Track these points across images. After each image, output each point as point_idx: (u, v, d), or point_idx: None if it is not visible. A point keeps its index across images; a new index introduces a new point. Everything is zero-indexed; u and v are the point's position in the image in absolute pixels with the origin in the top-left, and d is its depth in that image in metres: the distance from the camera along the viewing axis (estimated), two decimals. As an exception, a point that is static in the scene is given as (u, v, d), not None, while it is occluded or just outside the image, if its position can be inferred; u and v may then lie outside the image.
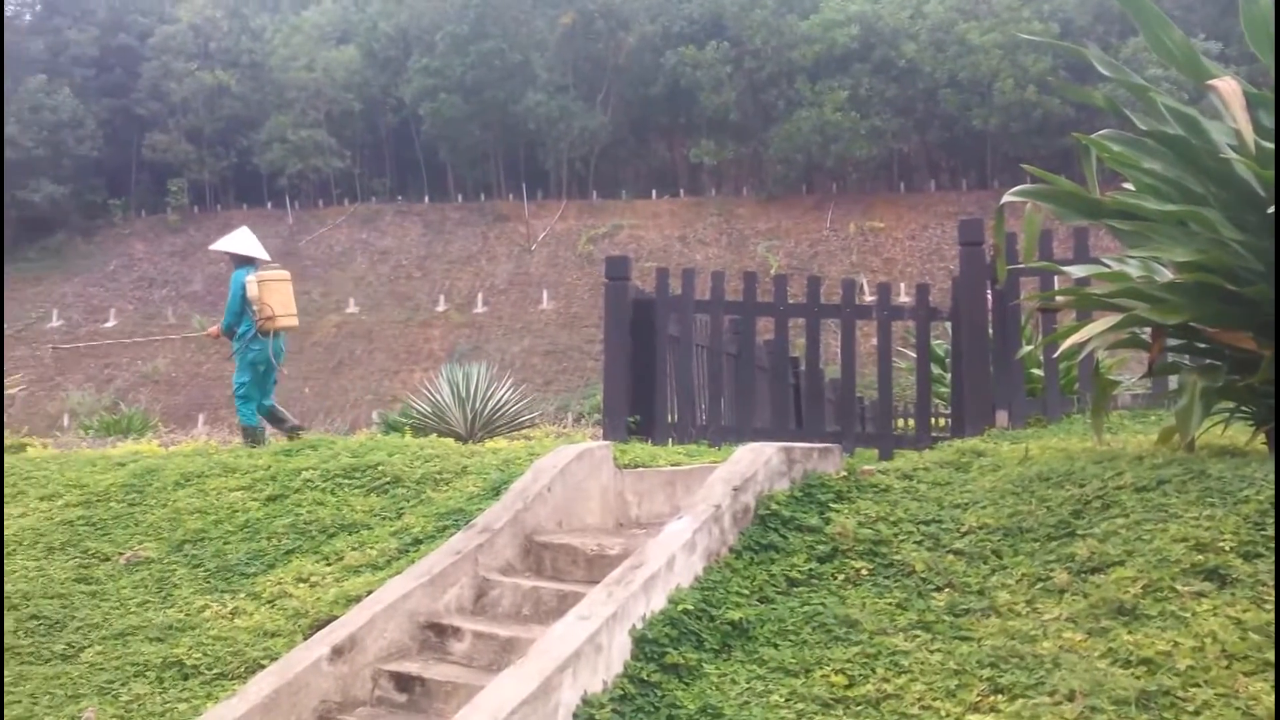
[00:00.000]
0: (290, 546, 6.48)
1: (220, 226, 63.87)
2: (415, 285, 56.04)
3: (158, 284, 60.46)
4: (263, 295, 11.11)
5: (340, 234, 61.42)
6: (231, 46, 66.04)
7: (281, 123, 63.20)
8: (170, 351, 54.32)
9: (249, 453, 8.48)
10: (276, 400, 11.85)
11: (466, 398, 16.33)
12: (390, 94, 64.77)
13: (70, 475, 8.26)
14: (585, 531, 5.82)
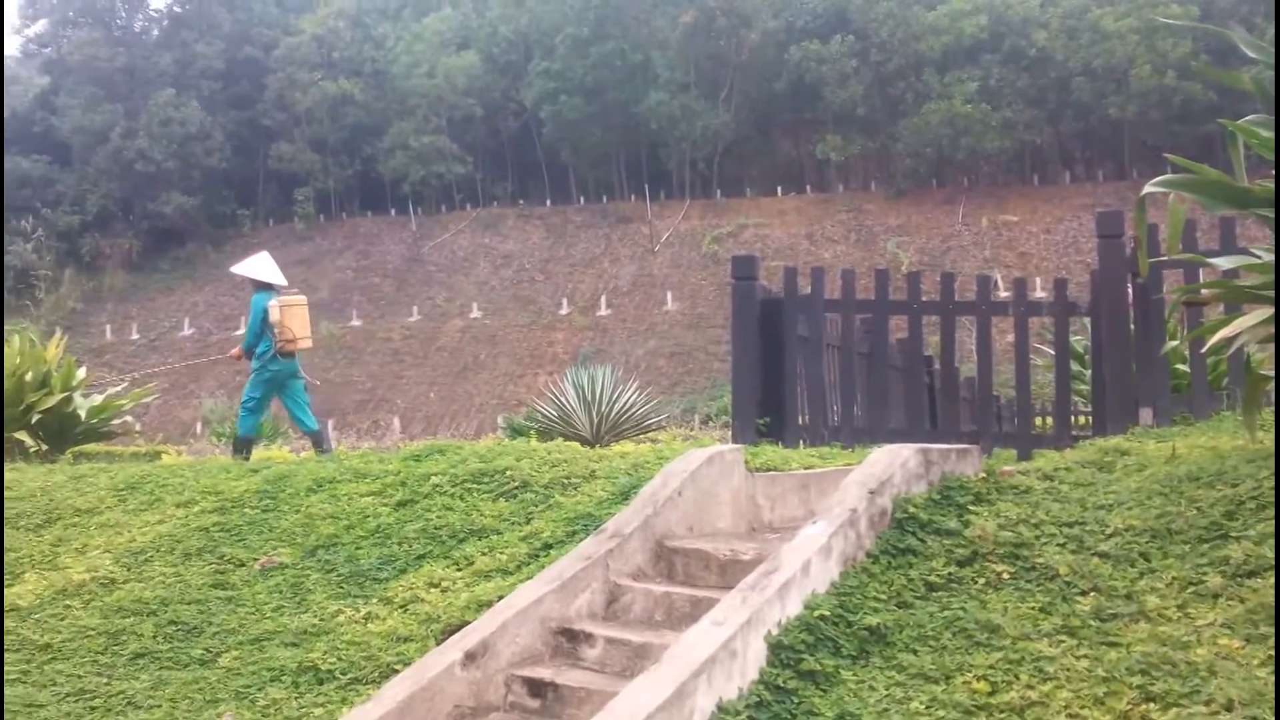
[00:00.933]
0: (421, 551, 6.58)
1: (346, 234, 65.31)
2: (538, 289, 56.46)
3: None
4: (284, 319, 12.08)
5: (463, 239, 62.18)
6: (354, 56, 67.27)
7: (404, 130, 64.18)
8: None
9: (379, 458, 8.62)
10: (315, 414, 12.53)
11: (592, 401, 16.41)
12: (511, 98, 65.39)
13: (205, 482, 8.47)
14: (717, 536, 5.81)
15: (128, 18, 72.71)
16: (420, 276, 60.10)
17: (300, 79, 65.79)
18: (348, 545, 6.84)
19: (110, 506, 8.32)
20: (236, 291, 62.58)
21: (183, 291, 63.68)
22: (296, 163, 66.60)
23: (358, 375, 53.39)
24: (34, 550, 7.55)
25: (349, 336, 56.40)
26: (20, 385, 14.71)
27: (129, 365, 55.89)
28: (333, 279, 61.97)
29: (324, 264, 63.46)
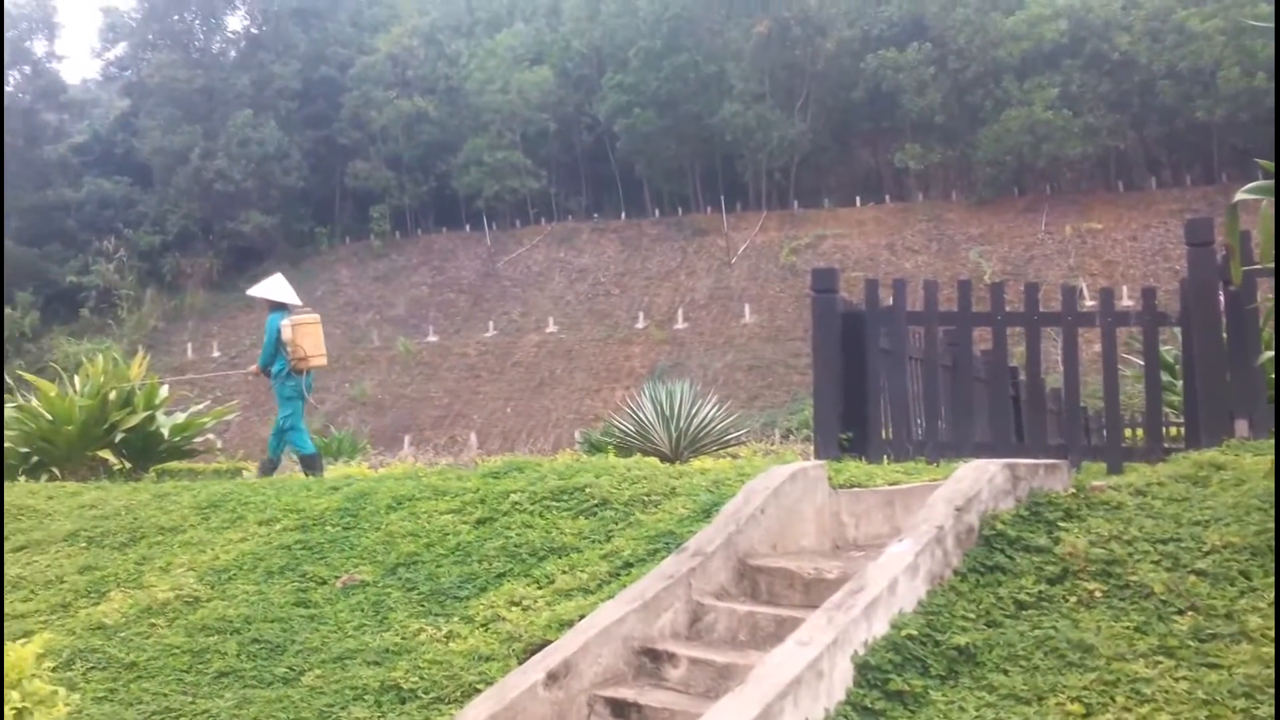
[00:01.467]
0: (501, 569, 6.61)
1: (422, 250, 65.91)
2: (614, 302, 56.55)
3: (362, 308, 62.48)
4: (296, 338, 12.75)
5: (537, 254, 62.48)
6: (428, 73, 67.93)
7: (478, 145, 64.65)
8: (377, 373, 56.08)
9: (458, 475, 8.72)
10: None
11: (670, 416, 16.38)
12: (584, 112, 65.68)
13: (287, 500, 8.59)
14: (801, 554, 5.78)
15: (206, 40, 74.00)
16: (495, 292, 60.46)
17: (375, 97, 66.55)
18: (428, 563, 6.90)
19: (193, 524, 8.46)
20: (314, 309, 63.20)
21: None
22: (372, 180, 67.35)
23: (434, 391, 53.81)
24: (119, 569, 7.68)
25: (425, 352, 56.88)
26: (104, 404, 14.99)
27: (210, 383, 56.79)
28: (409, 295, 62.56)
29: (400, 280, 64.08)
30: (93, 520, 8.78)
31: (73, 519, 8.91)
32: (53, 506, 9.41)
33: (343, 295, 64.29)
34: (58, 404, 14.89)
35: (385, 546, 7.28)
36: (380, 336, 59.20)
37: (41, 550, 8.28)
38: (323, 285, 65.46)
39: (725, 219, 59.58)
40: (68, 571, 7.72)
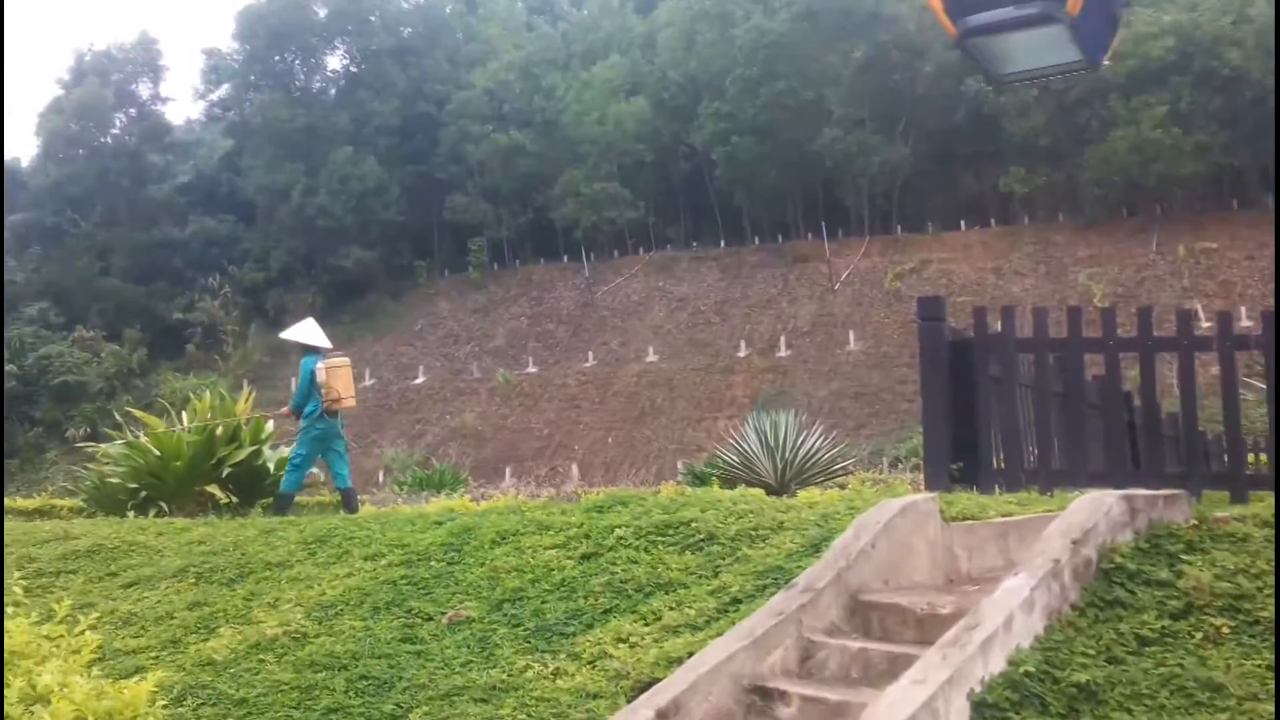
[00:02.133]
0: (607, 605, 6.57)
1: (520, 281, 66.44)
2: (715, 331, 56.49)
3: (462, 340, 63.12)
4: (329, 380, 13.13)
5: (636, 283, 62.66)
6: (524, 107, 68.64)
7: (575, 177, 65.12)
8: (477, 405, 56.55)
9: (561, 509, 8.70)
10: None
11: (775, 446, 16.28)
12: (681, 141, 65.85)
13: (392, 535, 8.64)
14: (913, 589, 5.70)
15: (306, 80, 75.64)
16: (594, 322, 60.74)
17: (473, 132, 67.40)
18: (533, 599, 6.88)
19: (300, 560, 8.53)
20: (415, 341, 64.24)
21: (363, 343, 65.52)
22: (470, 213, 68.16)
23: (535, 422, 54.12)
24: (228, 604, 7.77)
25: (525, 383, 57.27)
26: (211, 439, 15.26)
27: (313, 417, 57.72)
28: (508, 326, 63.09)
29: (499, 312, 64.66)
30: (202, 556, 8.91)
31: (182, 555, 9.05)
32: (162, 543, 9.56)
33: (442, 328, 65.01)
34: (166, 440, 15.20)
35: (490, 582, 7.27)
36: (480, 368, 59.72)
37: (152, 586, 8.42)
38: (422, 318, 66.29)
39: (827, 245, 59.28)
40: (178, 607, 7.84)
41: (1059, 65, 10.76)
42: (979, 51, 10.51)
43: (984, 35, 9.77)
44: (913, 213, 61.18)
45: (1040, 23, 9.09)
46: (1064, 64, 10.73)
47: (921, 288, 51.36)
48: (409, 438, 55.27)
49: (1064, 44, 9.91)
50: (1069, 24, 8.83)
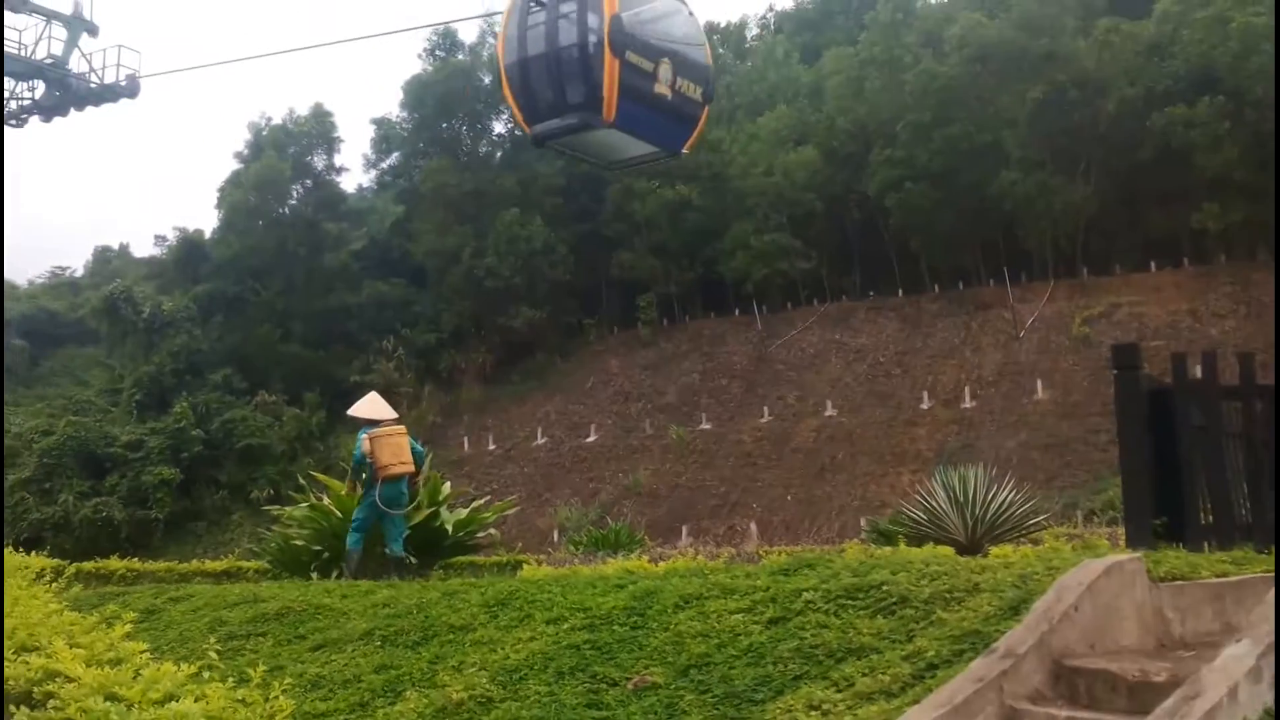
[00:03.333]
0: (797, 672, 6.45)
1: (691, 337, 66.66)
2: (895, 383, 55.70)
3: (633, 397, 63.46)
4: (374, 449, 13.93)
5: (811, 336, 62.26)
6: (690, 161, 68.41)
7: (744, 230, 65.20)
8: (650, 462, 56.67)
9: (745, 573, 8.62)
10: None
11: (965, 502, 15.99)
12: (853, 189, 65.38)
13: (573, 598, 8.64)
14: (1121, 654, 5.43)
15: (473, 144, 77.48)
16: (769, 376, 60.47)
17: (638, 188, 68.03)
18: (720, 665, 6.78)
19: (483, 623, 8.58)
20: (586, 399, 64.85)
21: (534, 401, 66.42)
22: (638, 270, 68.73)
23: (710, 480, 53.94)
24: (413, 668, 7.82)
25: (699, 440, 57.21)
26: (390, 502, 15.49)
27: (486, 476, 58.59)
28: (679, 383, 63.21)
29: (670, 368, 64.86)
30: (386, 619, 9.02)
31: (367, 618, 9.18)
32: (348, 605, 9.73)
33: (613, 385, 65.49)
34: (348, 502, 15.51)
35: (675, 647, 7.20)
36: (652, 425, 59.89)
37: (338, 649, 8.54)
38: (593, 375, 66.92)
39: (1010, 291, 58.09)
40: (365, 670, 7.92)
41: (645, 155, 13.97)
42: (580, 149, 14.12)
43: (556, 138, 13.47)
44: (1099, 255, 59.62)
45: (585, 129, 12.53)
46: (648, 154, 13.95)
47: (1112, 333, 49.98)
48: (582, 496, 55.63)
49: (632, 141, 13.05)
50: (617, 126, 12.14)
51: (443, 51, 76.76)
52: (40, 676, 5.94)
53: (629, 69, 13.18)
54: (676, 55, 14.06)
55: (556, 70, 13.21)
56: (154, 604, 11.48)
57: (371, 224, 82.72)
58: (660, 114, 13.99)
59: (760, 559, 13.43)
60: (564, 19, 13.05)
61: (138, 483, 64.67)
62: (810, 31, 79.29)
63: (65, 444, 66.63)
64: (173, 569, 21.04)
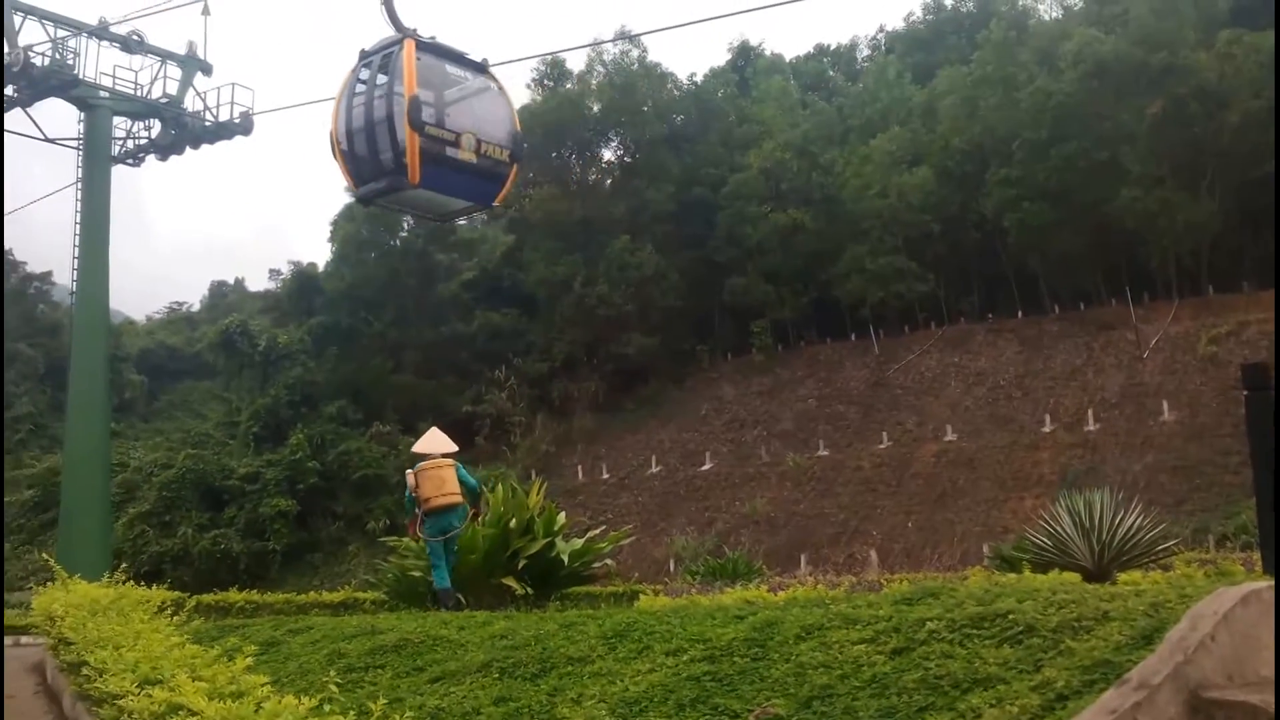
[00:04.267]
0: (922, 703, 6.34)
1: (806, 362, 66.36)
2: (1016, 406, 54.85)
3: (748, 424, 63.26)
4: (418, 483, 14.39)
5: (929, 359, 61.64)
6: (802, 184, 68.86)
7: (858, 253, 64.86)
8: (767, 490, 56.39)
9: (867, 602, 8.55)
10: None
11: (1091, 527, 15.74)
12: (969, 210, 64.73)
13: (693, 629, 8.61)
14: (1262, 686, 5.26)
15: (582, 173, 78.16)
16: (886, 401, 59.93)
17: (750, 213, 68.05)
18: (843, 696, 6.69)
19: (601, 655, 8.56)
20: (700, 427, 64.81)
21: (648, 429, 66.50)
22: (751, 295, 68.60)
23: (829, 507, 53.51)
24: (532, 700, 7.83)
25: (816, 467, 56.82)
26: (506, 532, 15.61)
27: (601, 506, 58.77)
28: (795, 409, 62.91)
29: (785, 394, 64.60)
30: (504, 651, 9.05)
31: (485, 649, 9.22)
32: (465, 637, 9.79)
33: (727, 412, 65.38)
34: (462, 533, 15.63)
35: (797, 678, 7.13)
36: (769, 452, 59.65)
37: (457, 681, 8.58)
38: (706, 402, 66.87)
39: (1133, 311, 56.97)
40: (483, 703, 7.94)
41: (463, 208, 16.78)
42: (408, 205, 16.58)
43: (377, 199, 16.07)
44: (1224, 272, 58.25)
45: (397, 190, 14.86)
46: (465, 208, 16.56)
47: (1241, 352, 48.79)
48: (698, 525, 55.51)
49: (445, 199, 15.28)
50: (423, 188, 14.14)
51: (551, 81, 77.63)
52: (164, 710, 6.07)
53: (430, 140, 15.89)
54: (481, 126, 16.88)
55: (372, 140, 16.15)
56: (273, 636, 11.67)
57: (482, 254, 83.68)
58: (467, 175, 16.72)
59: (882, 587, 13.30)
60: (378, 97, 15.99)
61: (255, 515, 65.97)
62: (922, 52, 78.79)
63: (184, 477, 68.25)
64: (290, 600, 21.41)
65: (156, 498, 67.43)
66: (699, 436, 64.12)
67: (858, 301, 65.22)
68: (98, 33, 38.84)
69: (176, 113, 40.34)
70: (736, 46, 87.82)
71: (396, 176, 16.68)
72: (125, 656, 7.97)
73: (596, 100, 75.87)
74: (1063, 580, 8.17)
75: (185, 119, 40.54)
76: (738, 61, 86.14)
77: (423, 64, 17.05)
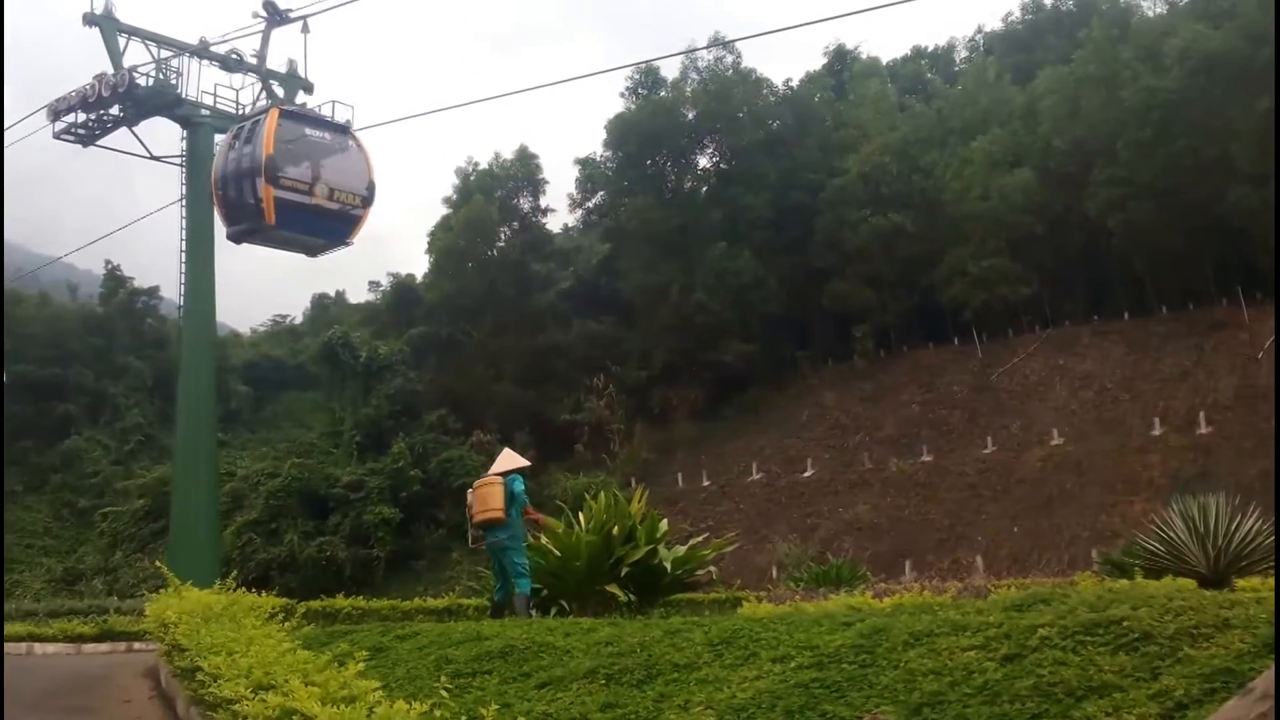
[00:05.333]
0: (1035, 710, 6.29)
1: (908, 367, 65.81)
2: (1124, 409, 53.86)
3: (850, 430, 62.86)
4: (470, 500, 15.06)
5: (1034, 362, 60.76)
6: (902, 188, 68.36)
7: (960, 256, 64.22)
8: (870, 496, 56.00)
9: (976, 608, 8.49)
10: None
11: (1206, 533, 15.45)
12: (1073, 211, 63.75)
13: (799, 636, 8.60)
14: None
15: (678, 180, 78.10)
16: (991, 405, 59.19)
17: (849, 217, 67.69)
18: (954, 703, 6.64)
19: (707, 662, 8.58)
20: (801, 433, 64.54)
21: (748, 436, 66.34)
22: (851, 300, 68.23)
23: (933, 513, 52.97)
24: (639, 706, 7.85)
25: (920, 473, 56.29)
26: (608, 539, 15.66)
27: (701, 513, 58.71)
28: (898, 415, 62.39)
29: (887, 400, 64.10)
30: (609, 657, 9.07)
31: (590, 656, 9.25)
32: (570, 643, 9.84)
33: (829, 418, 65.02)
34: (565, 540, 15.73)
35: (906, 685, 7.09)
36: (871, 458, 59.25)
37: (563, 687, 8.63)
38: (807, 409, 66.57)
39: (1245, 311, 55.69)
40: (591, 709, 7.97)
41: (323, 245, 25.98)
42: (277, 242, 24.68)
43: (245, 238, 23.72)
44: (1343, 268, 56.79)
45: (259, 231, 23.76)
46: (324, 245, 26.22)
47: (1359, 352, 47.54)
48: (800, 532, 55.24)
49: (303, 237, 24.11)
50: (280, 230, 22.41)
51: (645, 89, 77.66)
52: (278, 715, 6.17)
53: (285, 189, 21.12)
54: (336, 177, 22.21)
55: (239, 189, 21.68)
56: (381, 642, 11.81)
57: (578, 263, 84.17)
58: (321, 217, 22.28)
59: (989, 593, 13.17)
60: (245, 155, 21.11)
61: (359, 522, 67.03)
62: (1021, 52, 77.78)
63: (290, 485, 69.52)
64: (396, 607, 21.67)
65: (263, 506, 68.80)
66: (800, 443, 63.82)
67: (960, 305, 64.55)
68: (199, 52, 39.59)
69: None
70: (832, 50, 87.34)
71: (257, 219, 22.57)
72: (239, 662, 8.12)
73: (691, 107, 75.86)
74: (1178, 586, 8.04)
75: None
76: (834, 65, 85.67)
77: (285, 128, 22.91)
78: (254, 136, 22.78)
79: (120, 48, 38.02)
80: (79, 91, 37.83)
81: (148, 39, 39.00)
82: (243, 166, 22.57)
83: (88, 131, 39.06)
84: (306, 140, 24.20)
